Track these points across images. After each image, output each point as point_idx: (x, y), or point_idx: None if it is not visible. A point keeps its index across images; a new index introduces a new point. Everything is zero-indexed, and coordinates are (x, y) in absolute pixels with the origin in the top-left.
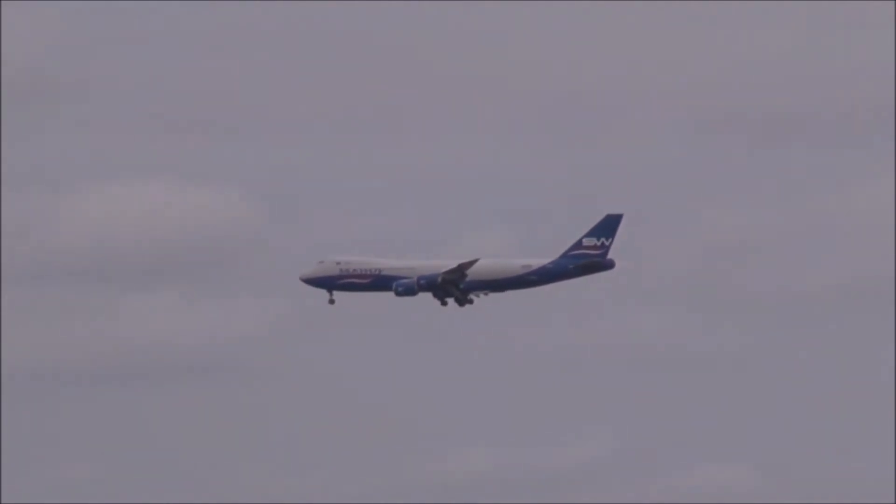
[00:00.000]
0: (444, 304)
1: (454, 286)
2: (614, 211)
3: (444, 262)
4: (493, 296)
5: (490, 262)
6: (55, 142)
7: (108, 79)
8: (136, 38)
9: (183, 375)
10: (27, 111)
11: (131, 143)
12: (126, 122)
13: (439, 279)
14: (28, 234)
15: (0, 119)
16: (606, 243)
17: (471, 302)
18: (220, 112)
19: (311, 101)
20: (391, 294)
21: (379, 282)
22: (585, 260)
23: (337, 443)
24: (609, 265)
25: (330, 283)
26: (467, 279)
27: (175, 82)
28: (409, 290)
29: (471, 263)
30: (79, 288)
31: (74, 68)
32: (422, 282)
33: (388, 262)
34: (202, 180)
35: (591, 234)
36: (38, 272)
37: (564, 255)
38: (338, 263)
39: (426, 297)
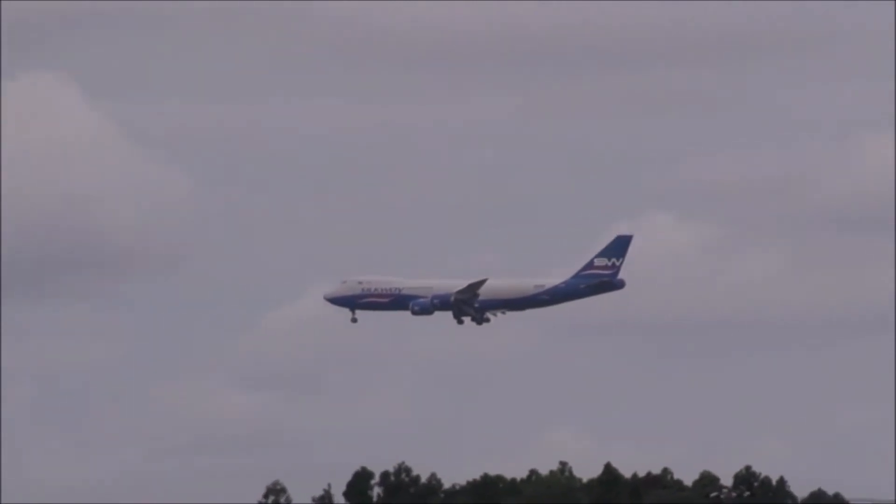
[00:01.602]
0: (460, 322)
1: (468, 305)
2: (624, 232)
3: (460, 282)
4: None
5: (504, 282)
6: None
7: None
8: None
9: None
10: None
11: None
12: None
13: (452, 298)
14: None
15: None
16: (617, 263)
17: (487, 320)
18: None
19: None
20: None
21: (398, 301)
22: (596, 280)
23: None
24: (619, 285)
25: (352, 302)
26: (482, 298)
27: None
28: (424, 309)
29: (480, 283)
30: None
31: None
32: (435, 301)
33: (407, 282)
34: None
35: (602, 254)
36: None
37: (576, 276)
38: (360, 283)
39: (445, 316)
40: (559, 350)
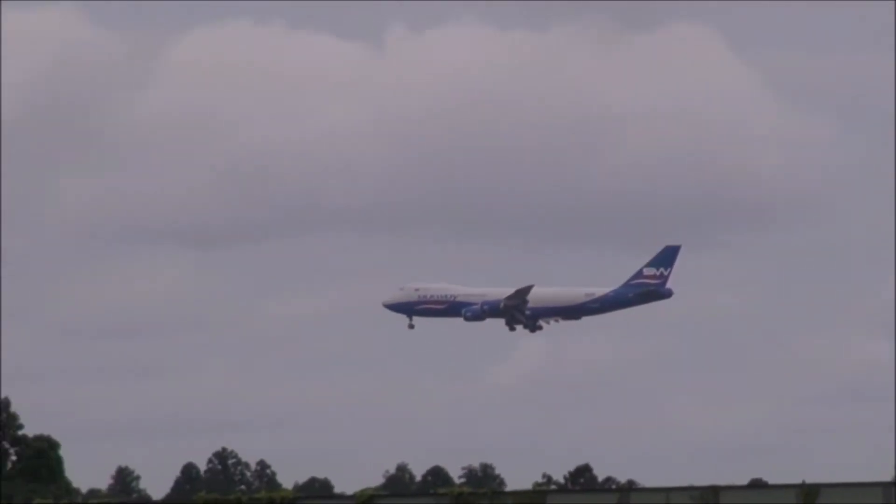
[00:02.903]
0: (512, 329)
1: (519, 312)
2: (672, 242)
3: (511, 290)
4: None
5: (555, 291)
6: None
7: None
8: None
9: None
10: None
11: None
12: None
13: (501, 304)
14: None
15: None
16: (665, 273)
17: (540, 328)
18: None
19: None
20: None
21: (453, 308)
22: (644, 289)
23: None
24: (667, 294)
25: (409, 308)
26: (534, 306)
27: None
28: (476, 316)
29: (528, 289)
30: None
31: None
32: (485, 307)
33: (462, 290)
34: None
35: (651, 264)
36: None
37: (626, 284)
38: (416, 290)
39: (497, 323)
40: None
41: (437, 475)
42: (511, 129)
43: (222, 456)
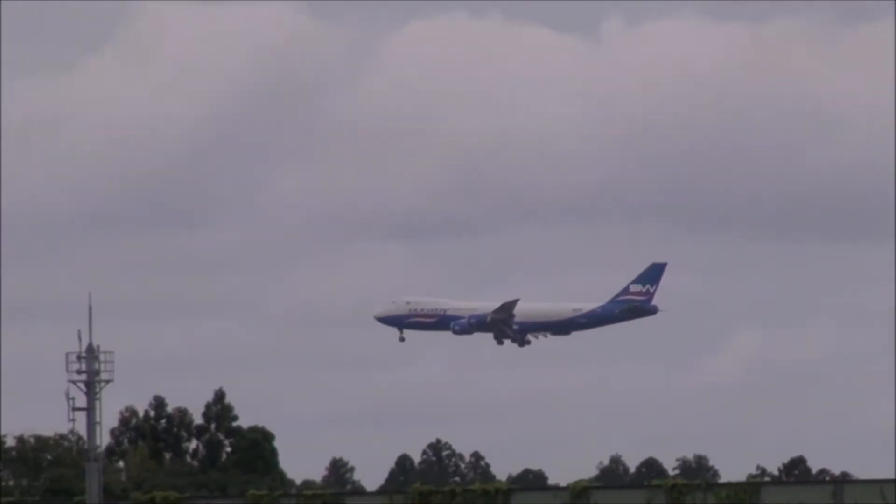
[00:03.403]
0: (500, 343)
1: (507, 326)
2: (659, 260)
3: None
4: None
5: (542, 305)
6: None
7: None
8: None
9: None
10: None
11: None
12: None
13: (488, 318)
14: None
15: None
16: (651, 290)
17: (528, 342)
18: None
19: None
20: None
21: (444, 321)
22: (630, 304)
23: None
24: (652, 310)
25: (399, 321)
26: (523, 321)
27: None
28: (464, 330)
29: (513, 303)
30: None
31: None
32: (472, 321)
33: (452, 303)
34: None
35: (637, 280)
36: None
37: (612, 300)
38: (408, 303)
39: (486, 337)
40: None
41: (650, 467)
42: (730, 124)
43: (437, 447)
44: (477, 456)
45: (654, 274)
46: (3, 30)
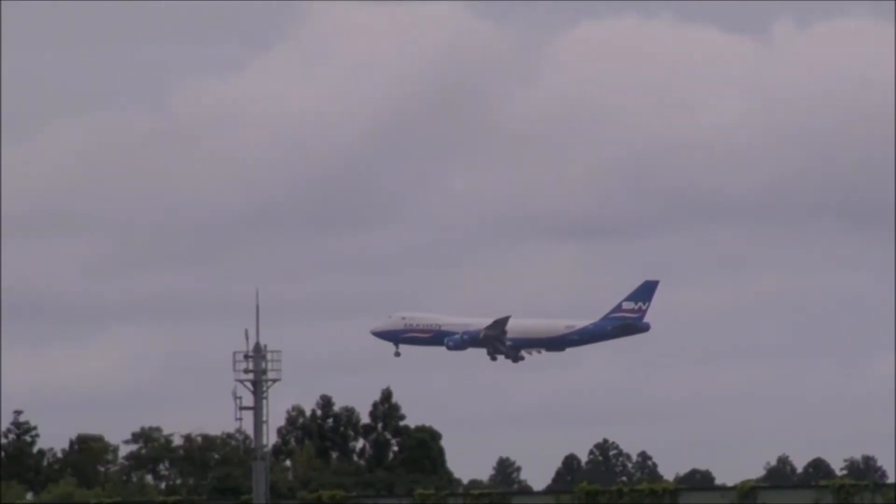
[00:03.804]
0: (493, 359)
1: (499, 342)
2: (651, 278)
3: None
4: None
5: (535, 322)
6: None
7: None
8: None
9: None
10: None
11: None
12: None
13: (481, 335)
14: None
15: None
16: (644, 307)
17: (522, 358)
18: None
19: None
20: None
21: (438, 337)
22: (622, 322)
23: None
24: (644, 328)
25: (395, 336)
26: (516, 337)
27: None
28: (457, 346)
29: (505, 320)
30: None
31: None
32: (465, 337)
33: (447, 319)
34: None
35: (630, 298)
36: None
37: (605, 318)
38: (403, 319)
39: (480, 353)
40: None
41: (818, 467)
42: None
43: (603, 447)
44: (644, 456)
45: (646, 291)
46: (173, 30)
